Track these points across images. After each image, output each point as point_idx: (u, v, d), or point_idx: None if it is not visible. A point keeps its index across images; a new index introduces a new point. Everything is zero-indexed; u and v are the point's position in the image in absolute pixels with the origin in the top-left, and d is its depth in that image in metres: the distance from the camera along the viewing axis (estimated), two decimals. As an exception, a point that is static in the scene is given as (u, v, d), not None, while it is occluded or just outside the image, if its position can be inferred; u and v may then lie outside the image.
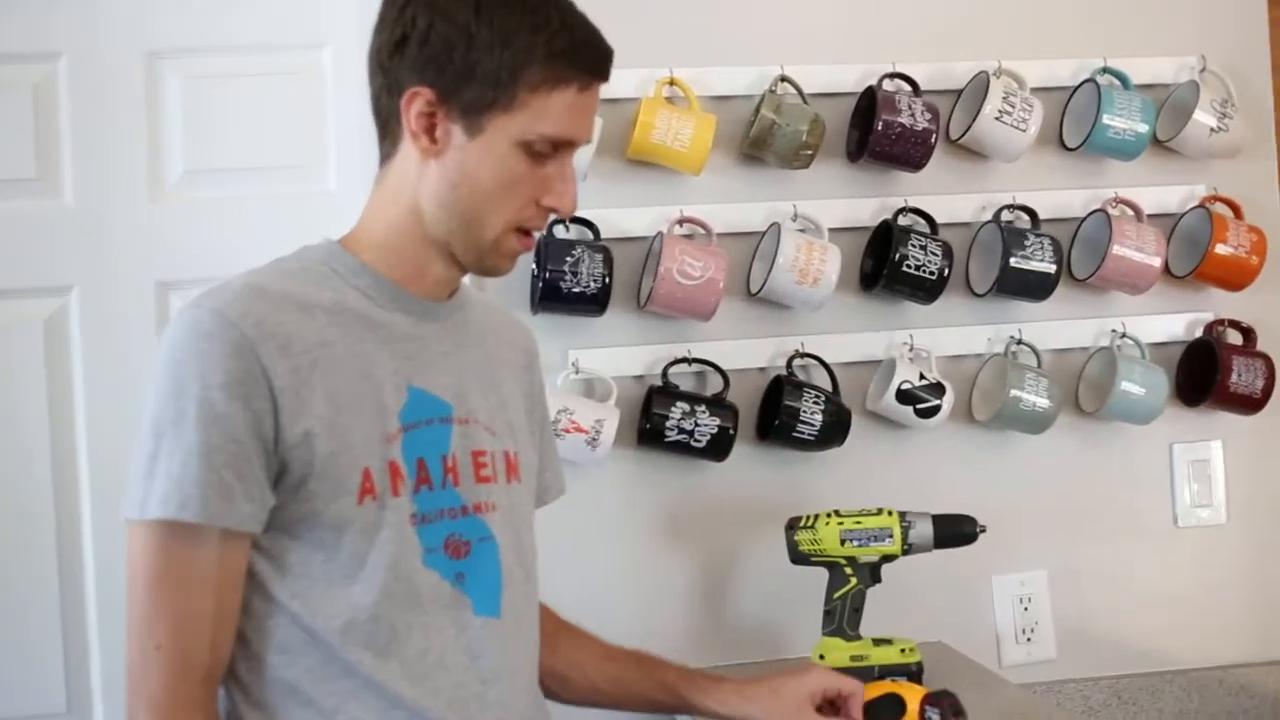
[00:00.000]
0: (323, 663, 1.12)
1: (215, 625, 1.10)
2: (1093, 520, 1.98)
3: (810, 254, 1.80)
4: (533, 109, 1.12)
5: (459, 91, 1.13)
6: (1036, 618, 1.94)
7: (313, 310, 1.15)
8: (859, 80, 1.90)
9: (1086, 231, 1.94)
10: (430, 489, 1.17)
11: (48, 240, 1.84)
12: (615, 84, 1.77)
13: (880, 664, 1.64)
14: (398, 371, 1.18)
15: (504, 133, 1.13)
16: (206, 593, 1.09)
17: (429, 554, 1.16)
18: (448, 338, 1.24)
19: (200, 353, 1.09)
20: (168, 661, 1.09)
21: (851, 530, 1.65)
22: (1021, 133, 1.84)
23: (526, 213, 1.17)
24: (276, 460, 1.10)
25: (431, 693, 1.15)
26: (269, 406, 1.09)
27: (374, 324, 1.18)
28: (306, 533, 1.12)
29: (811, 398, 1.81)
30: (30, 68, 1.85)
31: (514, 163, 1.14)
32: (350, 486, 1.12)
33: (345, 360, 1.15)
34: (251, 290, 1.13)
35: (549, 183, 1.16)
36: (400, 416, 1.16)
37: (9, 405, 1.83)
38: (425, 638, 1.15)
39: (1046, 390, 1.86)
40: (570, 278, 1.75)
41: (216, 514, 1.07)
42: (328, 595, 1.12)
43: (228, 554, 1.10)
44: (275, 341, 1.10)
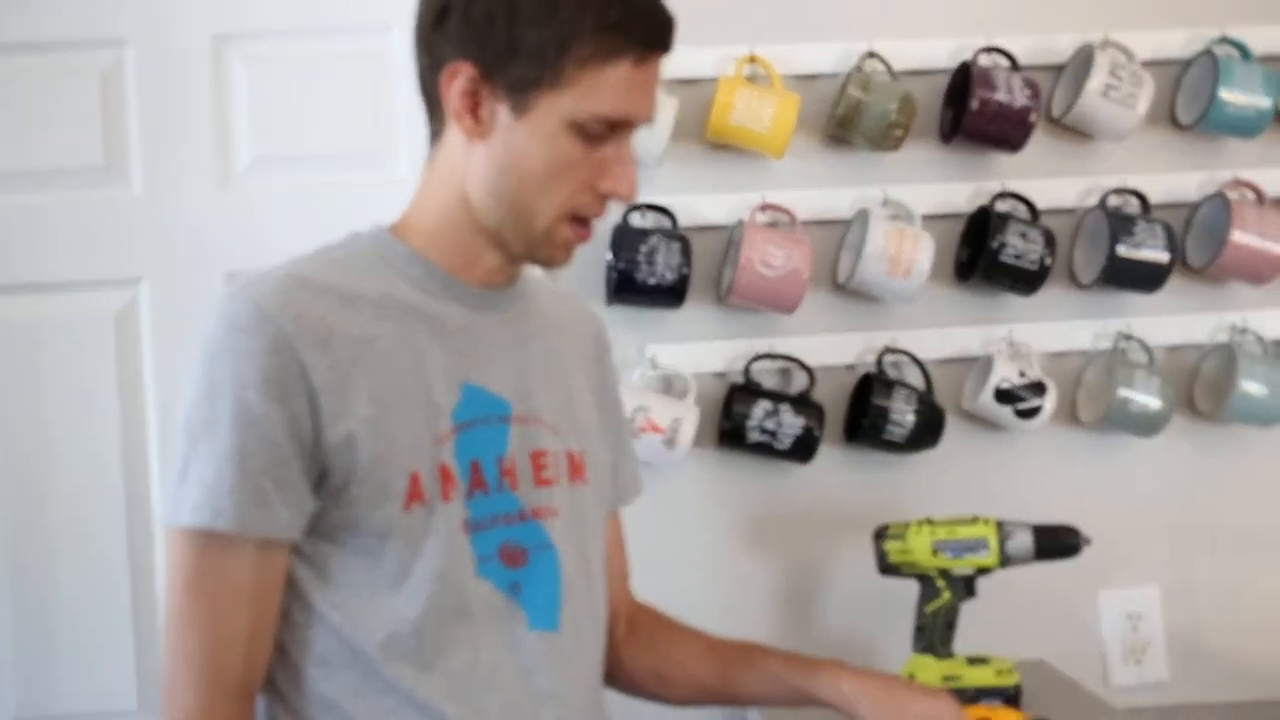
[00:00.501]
0: (362, 677, 1.05)
1: (250, 638, 1.04)
2: (1211, 532, 1.83)
3: (901, 242, 1.68)
4: (583, 86, 1.03)
5: (503, 68, 1.04)
6: (1148, 637, 1.80)
7: (358, 303, 1.07)
8: (952, 56, 1.78)
9: (1203, 217, 1.79)
10: (485, 493, 1.08)
11: (117, 231, 1.81)
12: (693, 62, 1.75)
13: (975, 686, 1.53)
14: (450, 368, 1.09)
15: (553, 112, 1.03)
16: (241, 604, 1.03)
17: (483, 563, 1.08)
18: (507, 329, 1.15)
19: (235, 349, 1.02)
20: (199, 674, 1.02)
21: (944, 540, 1.54)
22: (1130, 110, 1.71)
23: (582, 199, 1.07)
24: (317, 463, 1.03)
25: (477, 712, 1.06)
26: (307, 406, 1.02)
27: (425, 316, 1.09)
28: (349, 540, 1.05)
29: (902, 396, 1.70)
30: (97, 54, 1.81)
31: (565, 145, 1.04)
32: (396, 492, 1.04)
33: (392, 356, 1.06)
34: (294, 281, 1.06)
35: (605, 166, 1.06)
36: (453, 415, 1.08)
37: (81, 400, 1.80)
38: (474, 652, 1.07)
39: (1158, 390, 1.72)
40: (645, 268, 1.66)
41: (251, 523, 1.00)
42: (371, 606, 1.05)
43: (265, 563, 1.03)
44: (316, 336, 1.02)
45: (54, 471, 1.80)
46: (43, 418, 1.80)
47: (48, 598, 1.80)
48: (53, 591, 1.80)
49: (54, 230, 1.80)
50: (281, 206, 1.81)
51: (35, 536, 1.80)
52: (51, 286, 1.80)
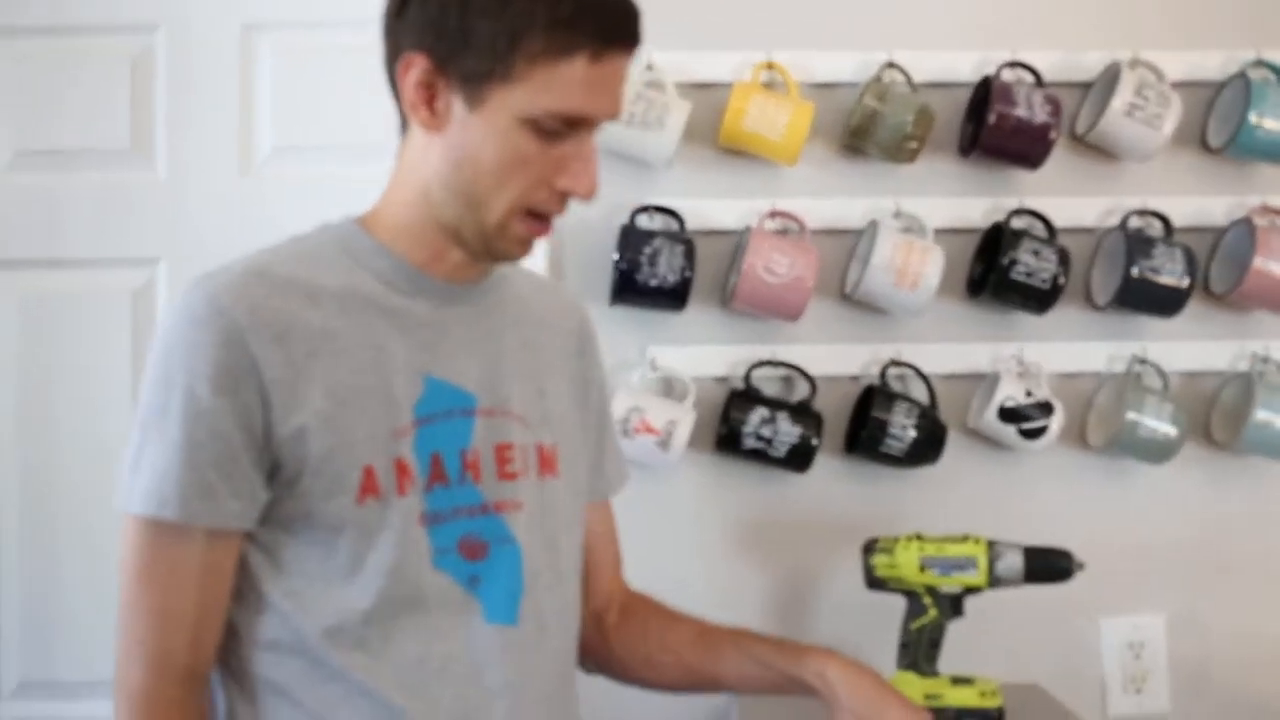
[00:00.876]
0: (311, 665, 1.05)
1: (197, 623, 1.05)
2: (1221, 564, 1.78)
3: (909, 254, 1.66)
4: (536, 82, 1.01)
5: (456, 60, 1.02)
6: (1149, 667, 1.76)
7: (319, 296, 1.06)
8: (976, 69, 1.75)
9: (1228, 243, 1.75)
10: (445, 485, 1.09)
11: (139, 212, 1.84)
12: (709, 67, 1.74)
13: (956, 705, 1.50)
14: (413, 361, 1.09)
15: (506, 107, 1.02)
16: (189, 590, 1.04)
17: (440, 555, 1.08)
18: (478, 323, 1.15)
19: (188, 342, 1.02)
20: (148, 657, 1.04)
21: (932, 557, 1.52)
22: (1155, 130, 1.67)
23: (538, 195, 1.06)
24: (269, 456, 1.04)
25: (428, 704, 1.06)
26: (258, 400, 1.02)
27: (388, 311, 1.09)
28: (303, 531, 1.06)
29: (903, 410, 1.67)
30: (128, 39, 1.85)
31: (519, 140, 1.03)
32: (349, 485, 1.04)
33: (351, 352, 1.06)
34: (253, 274, 1.06)
35: (564, 163, 1.05)
36: (414, 410, 1.08)
37: (96, 375, 1.84)
38: (426, 644, 1.07)
39: (1170, 416, 1.68)
40: (648, 269, 1.66)
41: (197, 514, 1.02)
42: (323, 596, 1.05)
43: (213, 552, 1.04)
44: (271, 331, 1.03)
45: (66, 441, 1.84)
46: (59, 388, 1.84)
47: (53, 570, 1.83)
48: (58, 564, 1.83)
49: (78, 209, 1.84)
50: (300, 195, 1.82)
51: (45, 507, 1.84)
52: (73, 263, 1.84)
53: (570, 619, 1.19)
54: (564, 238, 1.76)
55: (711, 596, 1.73)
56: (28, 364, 1.85)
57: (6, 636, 1.84)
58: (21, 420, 1.84)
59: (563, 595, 1.17)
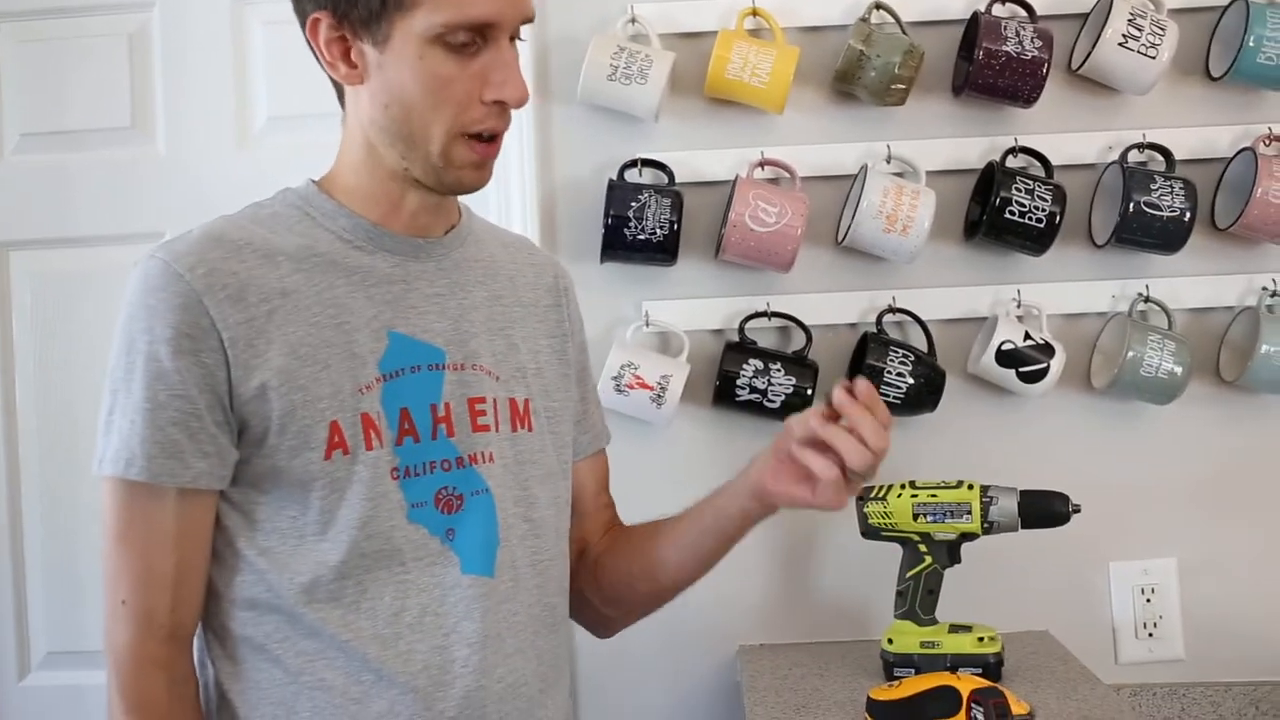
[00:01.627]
0: (287, 622, 1.08)
1: (176, 583, 1.07)
2: (1233, 503, 1.74)
3: (900, 198, 1.63)
4: (428, 1, 1.03)
5: (351, 6, 1.05)
6: (1161, 611, 1.72)
7: (275, 258, 1.08)
8: (966, 6, 1.71)
9: (1232, 174, 1.69)
10: (416, 440, 1.10)
11: (141, 187, 1.88)
12: (693, 16, 1.72)
13: (952, 653, 1.48)
14: (376, 317, 1.10)
15: (410, 36, 1.04)
16: (166, 550, 1.06)
17: (414, 509, 1.09)
18: (442, 278, 1.16)
19: (148, 308, 1.05)
20: (131, 616, 1.06)
21: (926, 504, 1.49)
22: (1151, 60, 1.62)
23: (471, 115, 1.06)
24: (235, 415, 1.06)
25: (402, 655, 1.08)
26: (221, 359, 1.04)
27: (349, 269, 1.11)
28: (274, 488, 1.08)
29: (899, 357, 1.65)
30: (126, 17, 1.88)
31: (433, 63, 1.04)
32: (316, 441, 1.06)
33: (310, 309, 1.08)
34: (209, 238, 1.08)
35: (486, 76, 1.05)
36: (379, 365, 1.09)
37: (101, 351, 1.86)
38: (401, 597, 1.08)
39: (1173, 353, 1.64)
40: (635, 224, 1.65)
41: (163, 472, 1.04)
42: (298, 552, 1.07)
43: (186, 511, 1.06)
44: (227, 292, 1.05)
45: (80, 417, 1.86)
46: (70, 365, 1.88)
47: (73, 543, 1.87)
48: (78, 537, 1.87)
49: (82, 187, 1.88)
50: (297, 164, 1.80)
51: (64, 481, 1.88)
52: (79, 241, 1.88)
53: (551, 570, 1.19)
54: (556, 196, 1.76)
55: (711, 550, 1.74)
56: (41, 342, 1.89)
57: (33, 609, 1.90)
58: (37, 396, 1.89)
59: (538, 547, 1.17)
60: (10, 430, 1.89)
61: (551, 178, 1.75)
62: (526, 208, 1.74)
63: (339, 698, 1.07)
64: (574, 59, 1.69)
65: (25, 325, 1.89)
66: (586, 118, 1.73)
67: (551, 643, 1.19)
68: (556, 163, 1.75)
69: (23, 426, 1.89)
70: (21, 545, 1.89)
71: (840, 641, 1.71)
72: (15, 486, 1.89)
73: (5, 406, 1.89)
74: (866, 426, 1.12)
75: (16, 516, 1.89)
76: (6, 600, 1.88)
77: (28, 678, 1.90)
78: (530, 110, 1.73)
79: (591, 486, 1.33)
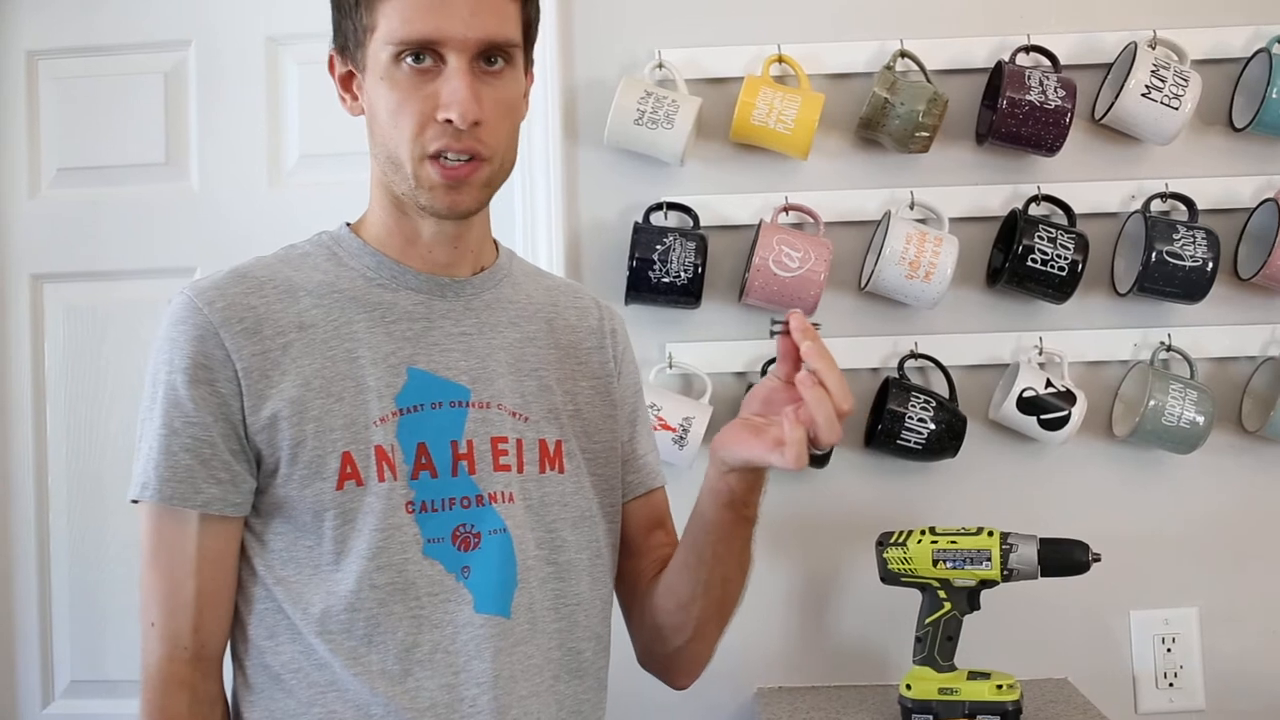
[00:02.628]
0: (302, 653, 1.09)
1: (199, 607, 1.09)
2: (1255, 554, 1.74)
3: (922, 245, 1.64)
4: (384, 21, 1.07)
5: (344, 35, 1.11)
6: (1181, 660, 1.71)
7: (296, 293, 1.12)
8: (991, 55, 1.73)
9: (1256, 224, 1.70)
10: (433, 476, 1.11)
11: (174, 223, 1.91)
12: (720, 62, 1.75)
13: (971, 700, 1.49)
14: (395, 353, 1.12)
15: (377, 56, 1.08)
16: (189, 574, 1.09)
17: (431, 544, 1.10)
18: (469, 317, 1.17)
19: (170, 340, 1.09)
20: (159, 638, 1.09)
21: (945, 550, 1.50)
22: (1174, 110, 1.63)
23: (427, 134, 1.08)
24: (250, 444, 1.08)
25: (410, 692, 1.08)
26: (235, 389, 1.07)
27: (369, 305, 1.13)
28: (290, 519, 1.10)
29: (920, 403, 1.66)
30: (163, 56, 1.92)
31: (392, 83, 1.07)
32: (327, 472, 1.08)
33: (327, 343, 1.11)
34: (234, 275, 1.12)
35: (438, 94, 1.07)
36: (396, 400, 1.11)
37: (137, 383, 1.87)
38: (414, 632, 1.09)
39: (1195, 403, 1.64)
40: (660, 266, 1.66)
41: (175, 496, 1.07)
42: (312, 582, 1.09)
43: (207, 536, 1.09)
44: (243, 325, 1.08)
45: (110, 448, 1.91)
46: (98, 397, 1.91)
47: (100, 572, 1.90)
48: (105, 566, 1.90)
49: (115, 222, 1.91)
50: (327, 202, 1.85)
51: (91, 511, 1.90)
52: (111, 274, 1.92)
53: (578, 615, 1.18)
54: (581, 237, 1.77)
55: (731, 592, 1.75)
56: (72, 373, 1.92)
57: (58, 637, 1.91)
58: (68, 427, 1.92)
59: (562, 590, 1.17)
60: (40, 459, 1.92)
61: (577, 219, 1.77)
62: (553, 248, 1.76)
63: None
64: (601, 102, 1.72)
65: (57, 357, 1.92)
66: (613, 160, 1.75)
67: (575, 688, 1.19)
68: (582, 204, 1.77)
69: (52, 455, 1.92)
70: (49, 574, 1.91)
71: (859, 686, 1.72)
72: (44, 515, 1.92)
73: (36, 436, 1.92)
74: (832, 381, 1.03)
75: (44, 545, 1.91)
76: (32, 628, 1.91)
77: (51, 705, 1.92)
78: (557, 152, 1.76)
79: (643, 525, 1.31)
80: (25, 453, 1.91)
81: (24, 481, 1.91)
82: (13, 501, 1.91)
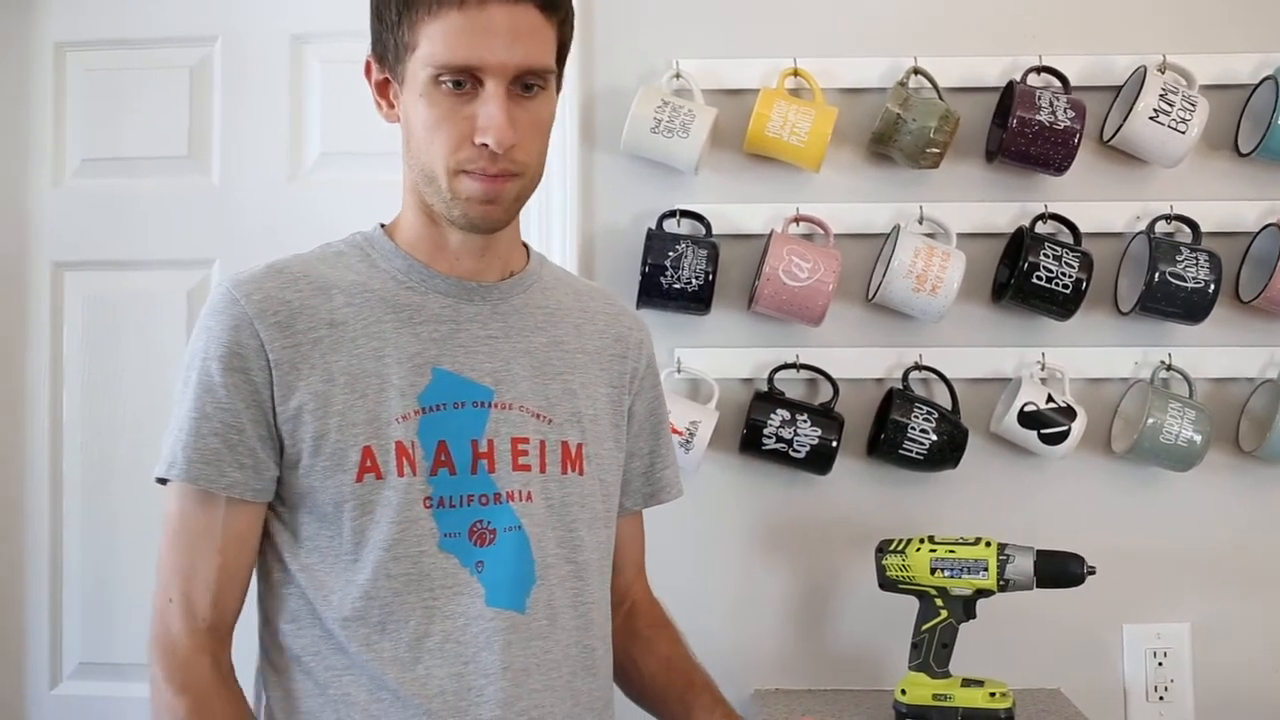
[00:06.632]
0: (322, 637, 1.13)
1: (220, 583, 1.13)
2: (1250, 572, 1.76)
3: (930, 259, 1.67)
4: (425, 42, 1.10)
5: (383, 48, 1.14)
6: (1173, 675, 1.74)
7: (329, 291, 1.15)
8: (1003, 74, 1.76)
9: (1258, 248, 1.73)
10: (452, 473, 1.15)
11: (194, 216, 1.94)
12: (736, 73, 1.78)
13: (964, 706, 1.52)
14: (421, 353, 1.16)
15: (417, 74, 1.11)
16: (211, 551, 1.13)
17: (447, 538, 1.14)
18: (496, 321, 1.21)
19: (207, 329, 1.13)
20: (180, 613, 1.13)
21: (943, 559, 1.53)
22: (1181, 135, 1.66)
23: (462, 154, 1.11)
24: (276, 433, 1.12)
25: (420, 679, 1.12)
26: (266, 379, 1.11)
27: (399, 306, 1.17)
28: (313, 509, 1.13)
29: (923, 414, 1.69)
30: (188, 51, 1.95)
31: (431, 101, 1.10)
32: (348, 464, 1.12)
33: (356, 341, 1.14)
34: (271, 270, 1.16)
35: (475, 119, 1.10)
36: (419, 398, 1.15)
37: (153, 370, 1.93)
38: (426, 622, 1.13)
39: (1193, 422, 1.67)
40: (671, 273, 1.69)
41: (200, 477, 1.11)
42: (333, 571, 1.13)
43: (230, 517, 1.13)
44: (278, 318, 1.12)
45: (124, 432, 1.94)
46: (119, 383, 1.94)
47: (112, 556, 1.93)
48: (117, 551, 1.93)
49: (140, 213, 1.94)
50: (345, 200, 1.89)
51: (104, 498, 1.94)
52: (134, 264, 1.95)
53: (592, 614, 1.22)
54: (595, 242, 1.81)
55: (732, 595, 1.79)
56: (91, 360, 1.95)
57: (69, 620, 1.95)
58: (85, 414, 1.95)
59: (581, 589, 1.21)
60: (56, 443, 1.95)
61: (591, 224, 1.81)
62: (566, 252, 1.79)
63: (359, 714, 1.12)
64: (618, 110, 1.75)
65: (76, 345, 1.96)
66: (628, 167, 1.79)
67: (590, 685, 1.22)
68: (597, 210, 1.81)
69: (68, 440, 1.95)
70: (61, 557, 1.95)
71: (854, 690, 1.75)
72: (58, 500, 1.95)
73: (53, 422, 1.95)
74: None
75: (58, 529, 1.95)
76: (43, 610, 1.94)
77: (59, 686, 1.95)
78: (574, 158, 1.79)
79: (628, 535, 1.36)
80: (42, 436, 1.95)
81: (40, 465, 1.95)
82: (28, 484, 1.95)
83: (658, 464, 1.36)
